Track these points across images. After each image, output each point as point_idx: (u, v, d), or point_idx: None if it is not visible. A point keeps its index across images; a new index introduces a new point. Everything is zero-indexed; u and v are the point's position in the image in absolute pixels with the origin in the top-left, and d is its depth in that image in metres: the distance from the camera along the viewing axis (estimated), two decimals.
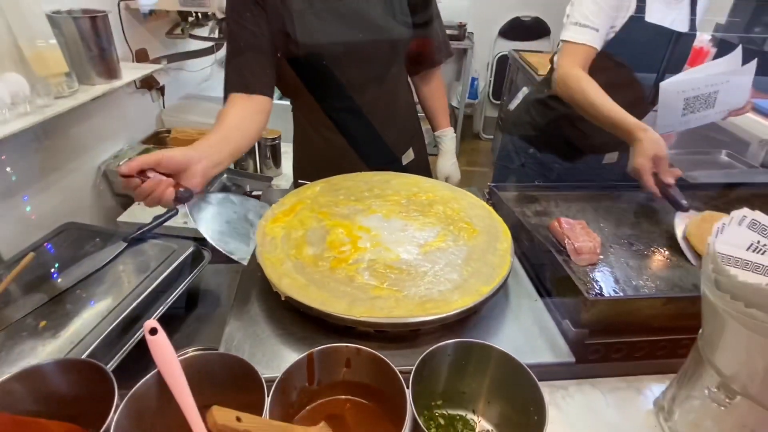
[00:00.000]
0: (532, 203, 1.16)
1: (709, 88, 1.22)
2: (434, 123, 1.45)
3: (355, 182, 1.10)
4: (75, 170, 1.55)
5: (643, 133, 1.09)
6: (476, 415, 0.68)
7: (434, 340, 0.77)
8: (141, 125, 1.93)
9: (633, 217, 1.12)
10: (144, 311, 0.97)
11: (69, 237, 1.16)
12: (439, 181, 1.15)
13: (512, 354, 0.76)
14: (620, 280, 0.89)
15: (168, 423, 0.59)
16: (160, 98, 2.01)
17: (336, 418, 0.62)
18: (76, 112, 1.34)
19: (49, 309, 0.92)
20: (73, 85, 1.33)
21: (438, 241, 0.89)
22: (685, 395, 0.66)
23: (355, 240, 0.88)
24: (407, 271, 0.81)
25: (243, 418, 0.44)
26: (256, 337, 0.78)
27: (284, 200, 1.02)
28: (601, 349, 0.82)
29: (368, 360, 0.61)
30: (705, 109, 1.24)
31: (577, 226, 1.00)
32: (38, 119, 1.17)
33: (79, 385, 0.58)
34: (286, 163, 2.01)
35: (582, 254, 0.94)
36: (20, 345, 0.84)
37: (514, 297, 0.89)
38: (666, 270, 0.94)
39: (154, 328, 0.55)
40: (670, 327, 0.82)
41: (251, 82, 1.04)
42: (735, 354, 0.55)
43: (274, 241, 0.88)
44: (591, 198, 1.20)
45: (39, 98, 1.19)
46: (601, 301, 0.78)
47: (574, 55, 1.25)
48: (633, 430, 0.69)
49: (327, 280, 0.78)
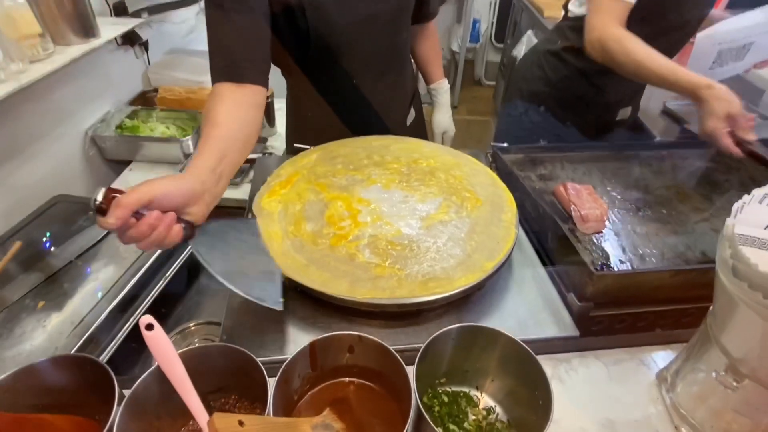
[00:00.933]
0: (536, 166, 1.12)
1: (744, 40, 1.13)
2: (429, 75, 1.36)
3: (354, 149, 1.05)
4: (61, 137, 1.49)
5: (708, 90, 0.97)
6: (480, 391, 0.68)
7: (438, 317, 0.77)
8: (126, 85, 1.83)
9: (641, 180, 1.08)
10: (143, 288, 0.96)
11: (60, 211, 1.13)
12: (440, 145, 1.10)
13: (516, 328, 0.76)
14: (626, 248, 0.87)
15: (172, 412, 0.59)
16: (144, 54, 1.89)
17: (341, 401, 0.63)
18: (55, 75, 1.26)
19: (46, 288, 0.91)
20: (48, 47, 1.24)
21: (440, 213, 0.86)
22: (689, 369, 0.66)
23: (354, 214, 0.85)
24: (409, 247, 0.79)
25: (246, 421, 0.43)
26: (258, 317, 0.77)
27: (280, 170, 0.98)
28: (605, 321, 0.81)
29: (371, 346, 0.60)
30: (734, 62, 1.16)
31: (584, 192, 0.97)
32: (14, 87, 1.10)
33: (78, 379, 0.57)
34: (280, 121, 1.93)
35: (588, 222, 0.91)
36: (20, 326, 0.84)
37: (518, 267, 0.88)
38: (673, 237, 0.91)
39: (150, 324, 0.53)
40: (676, 298, 0.81)
41: (244, 68, 0.85)
42: (746, 339, 0.54)
43: (272, 216, 0.85)
44: (598, 159, 1.16)
45: (12, 64, 1.11)
46: (607, 275, 0.77)
47: (609, 12, 1.09)
48: (636, 402, 0.69)
49: (327, 259, 0.76)
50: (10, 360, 0.77)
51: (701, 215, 0.98)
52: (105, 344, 0.85)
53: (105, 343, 0.85)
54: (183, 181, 0.66)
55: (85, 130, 1.59)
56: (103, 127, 1.61)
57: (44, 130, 1.41)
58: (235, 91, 0.83)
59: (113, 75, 1.73)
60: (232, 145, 0.76)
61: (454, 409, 0.65)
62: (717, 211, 0.99)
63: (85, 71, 1.54)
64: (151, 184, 0.63)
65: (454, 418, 0.64)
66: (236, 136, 0.78)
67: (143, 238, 0.62)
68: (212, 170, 0.71)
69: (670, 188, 1.06)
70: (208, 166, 0.71)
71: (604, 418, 0.67)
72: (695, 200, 1.02)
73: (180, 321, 1.04)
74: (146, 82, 1.95)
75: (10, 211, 1.25)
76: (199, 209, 0.69)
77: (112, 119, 1.65)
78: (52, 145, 1.46)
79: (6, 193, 1.28)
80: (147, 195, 0.61)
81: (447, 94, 1.37)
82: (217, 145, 0.74)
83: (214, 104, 0.81)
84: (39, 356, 0.78)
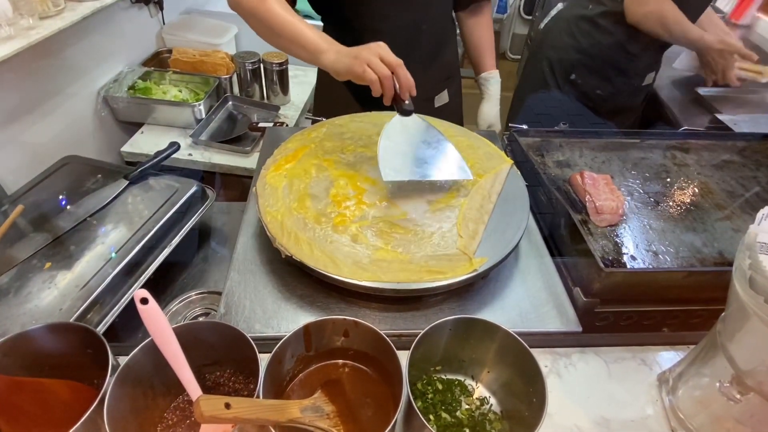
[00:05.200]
0: (554, 151, 1.08)
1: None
2: (480, 64, 1.30)
3: (364, 124, 1.02)
4: (73, 95, 1.47)
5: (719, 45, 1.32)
6: (475, 381, 0.68)
7: (438, 304, 0.76)
8: (140, 45, 1.80)
9: (663, 171, 1.04)
10: (147, 255, 0.96)
11: (70, 172, 1.13)
12: (454, 124, 1.06)
13: (518, 319, 0.75)
14: (640, 244, 0.84)
15: (166, 382, 0.59)
16: (159, 13, 1.85)
17: (334, 383, 0.63)
18: (66, 32, 1.24)
19: (53, 250, 0.92)
20: (59, 3, 1.21)
21: (449, 197, 0.84)
22: (693, 373, 0.64)
23: (360, 193, 0.83)
24: (413, 231, 0.77)
25: (232, 404, 0.43)
26: (257, 292, 0.76)
27: (288, 143, 0.96)
28: (610, 317, 0.79)
29: (366, 331, 0.59)
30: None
31: (601, 182, 0.93)
32: (24, 44, 1.08)
33: (75, 345, 0.58)
34: (294, 89, 1.90)
35: (603, 214, 0.88)
36: (27, 287, 0.85)
37: (525, 257, 0.86)
38: (691, 234, 0.88)
39: (144, 298, 0.53)
40: (687, 298, 0.78)
41: None
42: (755, 352, 0.51)
43: (276, 192, 0.83)
44: (619, 147, 1.11)
45: (22, 19, 1.09)
46: (617, 272, 0.74)
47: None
48: (633, 402, 0.68)
49: (330, 239, 0.75)
50: (17, 319, 0.79)
51: (723, 213, 0.93)
52: (109, 308, 0.86)
53: (109, 307, 0.86)
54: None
55: (98, 90, 1.57)
56: (116, 88, 1.59)
57: (56, 89, 1.40)
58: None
59: (126, 34, 1.70)
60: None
61: (448, 396, 0.65)
62: (740, 209, 0.94)
63: (98, 29, 1.51)
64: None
65: (447, 406, 0.64)
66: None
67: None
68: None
69: (693, 182, 1.01)
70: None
71: (600, 416, 0.66)
72: (718, 196, 0.98)
73: (185, 288, 1.04)
74: (160, 43, 1.91)
75: (21, 168, 1.26)
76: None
77: (125, 79, 1.62)
78: (64, 104, 1.45)
79: (18, 151, 1.29)
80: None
81: (497, 85, 1.30)
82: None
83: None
84: (44, 317, 0.80)
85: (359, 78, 0.79)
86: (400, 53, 1.13)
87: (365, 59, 0.78)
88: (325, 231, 0.76)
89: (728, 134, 1.21)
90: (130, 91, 1.60)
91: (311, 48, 0.84)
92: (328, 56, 0.82)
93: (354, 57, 0.79)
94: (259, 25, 0.90)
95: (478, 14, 1.26)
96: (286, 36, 0.86)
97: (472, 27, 1.27)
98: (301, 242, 0.74)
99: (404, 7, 1.07)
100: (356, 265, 0.71)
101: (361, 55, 0.78)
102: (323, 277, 0.71)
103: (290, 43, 0.86)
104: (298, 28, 0.85)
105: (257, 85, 1.81)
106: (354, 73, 0.79)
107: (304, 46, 0.84)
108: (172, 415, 0.61)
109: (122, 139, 1.60)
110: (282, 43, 0.89)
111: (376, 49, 0.78)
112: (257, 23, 0.90)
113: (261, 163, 0.94)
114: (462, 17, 1.27)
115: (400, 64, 0.78)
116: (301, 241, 0.74)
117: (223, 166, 1.53)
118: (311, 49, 0.84)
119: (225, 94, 1.76)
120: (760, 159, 1.10)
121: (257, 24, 0.90)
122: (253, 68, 1.75)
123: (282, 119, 1.71)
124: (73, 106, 1.48)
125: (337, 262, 0.71)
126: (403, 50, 1.13)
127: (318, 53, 0.83)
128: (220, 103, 1.72)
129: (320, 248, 0.73)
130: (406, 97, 0.82)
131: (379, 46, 0.79)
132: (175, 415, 0.61)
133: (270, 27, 0.87)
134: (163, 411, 0.61)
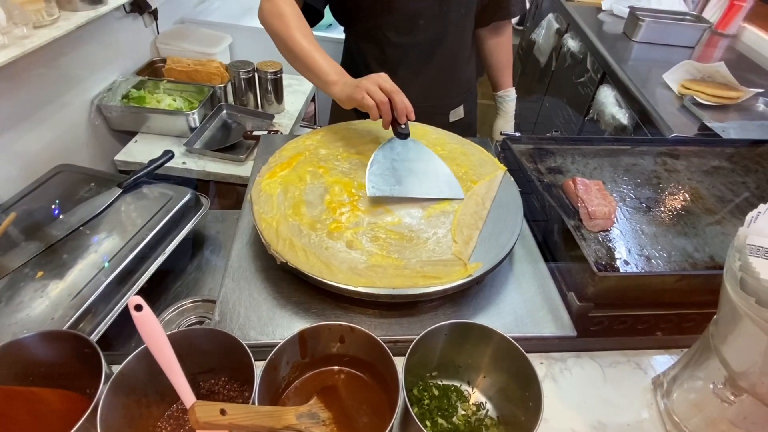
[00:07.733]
0: (547, 158, 1.09)
1: None
2: (498, 81, 1.36)
3: (359, 131, 1.02)
4: (67, 104, 1.47)
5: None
6: (471, 386, 0.68)
7: (434, 309, 0.76)
8: (134, 54, 1.81)
9: (654, 177, 1.05)
10: (141, 263, 0.96)
11: (63, 180, 1.13)
12: (448, 132, 1.07)
13: (513, 324, 0.75)
14: (632, 249, 0.85)
15: (160, 391, 0.59)
16: (153, 23, 1.85)
17: (330, 389, 0.62)
18: (60, 41, 1.24)
19: (46, 258, 0.91)
20: (53, 12, 1.21)
21: (443, 203, 0.84)
22: (688, 376, 0.65)
23: (355, 200, 0.83)
24: (408, 237, 0.77)
25: (228, 410, 0.43)
26: (252, 299, 0.76)
27: (283, 151, 0.96)
28: (604, 321, 0.80)
29: (362, 337, 0.59)
30: None
31: (593, 187, 0.94)
32: (18, 53, 1.08)
33: (68, 353, 0.57)
34: (288, 98, 1.91)
35: (595, 219, 0.89)
36: (19, 296, 0.84)
37: (519, 262, 0.86)
38: (682, 238, 0.89)
39: (138, 305, 0.53)
40: (680, 302, 0.79)
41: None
42: (748, 353, 0.52)
43: (271, 199, 0.83)
44: (611, 153, 1.12)
45: (16, 28, 1.09)
46: (610, 276, 0.75)
47: None
48: (629, 405, 0.68)
49: (325, 245, 0.75)
50: (8, 328, 0.78)
51: (713, 217, 0.95)
52: (101, 317, 0.85)
53: (101, 316, 0.86)
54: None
55: (91, 99, 1.57)
56: (110, 96, 1.59)
57: (50, 97, 1.40)
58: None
59: (121, 43, 1.70)
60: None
61: (444, 402, 0.65)
62: (730, 214, 0.96)
63: (92, 38, 1.51)
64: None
65: (443, 412, 0.64)
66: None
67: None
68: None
69: (684, 187, 1.02)
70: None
71: (595, 420, 0.66)
72: (709, 201, 0.99)
73: (179, 297, 1.04)
74: (154, 52, 1.92)
75: (14, 177, 1.25)
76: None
77: (119, 88, 1.63)
78: (58, 113, 1.45)
79: (10, 160, 1.28)
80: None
81: (513, 103, 1.36)
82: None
83: (284, 10, 0.97)
84: (36, 326, 0.79)
85: (359, 104, 0.85)
86: (418, 67, 1.17)
87: (365, 87, 0.84)
88: (320, 237, 0.76)
89: (717, 141, 1.23)
90: (124, 100, 1.60)
91: (323, 78, 0.92)
92: (336, 87, 0.91)
93: (355, 86, 0.86)
94: (281, 46, 0.99)
95: (499, 34, 1.29)
96: (301, 62, 0.95)
97: (493, 47, 1.31)
98: (296, 249, 0.74)
99: (425, 24, 1.11)
100: (352, 271, 0.71)
101: (361, 84, 0.85)
102: (318, 283, 0.71)
103: (305, 69, 0.96)
104: (313, 58, 0.93)
105: (252, 94, 1.81)
106: (354, 100, 0.86)
107: (317, 75, 0.93)
108: (166, 424, 0.60)
109: (116, 148, 1.60)
110: (298, 67, 0.98)
111: (376, 79, 0.85)
112: (280, 44, 0.99)
113: (255, 171, 0.95)
114: (483, 36, 1.30)
115: (396, 91, 0.84)
116: (296, 247, 0.74)
117: (218, 175, 1.53)
118: (323, 78, 0.92)
119: (219, 102, 1.77)
120: (749, 165, 1.11)
121: (279, 45, 0.99)
122: (247, 77, 1.76)
123: (276, 127, 1.71)
124: (66, 114, 1.48)
125: (333, 268, 0.71)
126: (421, 65, 1.16)
127: (328, 84, 0.92)
128: (215, 111, 1.72)
129: (315, 255, 0.73)
130: (402, 121, 0.86)
131: (379, 76, 0.85)
132: (169, 424, 0.60)
133: (290, 51, 0.97)
134: (157, 420, 0.60)
